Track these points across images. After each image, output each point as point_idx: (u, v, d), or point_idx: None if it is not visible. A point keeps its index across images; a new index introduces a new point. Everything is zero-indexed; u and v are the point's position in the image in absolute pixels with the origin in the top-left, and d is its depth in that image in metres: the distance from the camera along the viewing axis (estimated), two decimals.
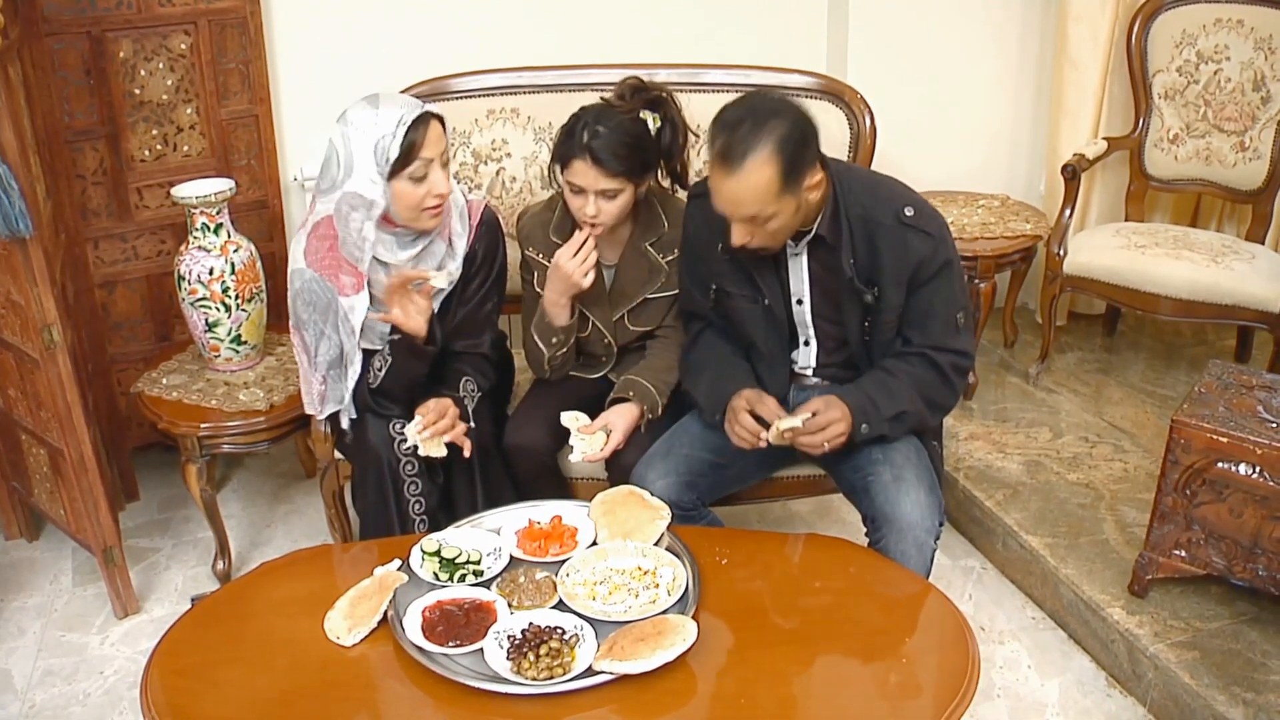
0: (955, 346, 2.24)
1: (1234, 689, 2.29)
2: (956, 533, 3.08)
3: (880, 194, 2.21)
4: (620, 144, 2.32)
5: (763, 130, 2.00)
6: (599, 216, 2.36)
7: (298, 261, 2.34)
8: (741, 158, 2.00)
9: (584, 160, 2.31)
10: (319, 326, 2.36)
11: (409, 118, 2.18)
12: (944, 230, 2.21)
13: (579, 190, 2.36)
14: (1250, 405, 2.41)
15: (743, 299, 2.32)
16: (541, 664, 1.76)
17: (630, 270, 2.51)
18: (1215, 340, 3.83)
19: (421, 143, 2.19)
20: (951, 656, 1.85)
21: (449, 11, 3.28)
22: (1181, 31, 3.48)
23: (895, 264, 2.18)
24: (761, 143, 1.99)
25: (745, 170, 2.00)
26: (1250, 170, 3.43)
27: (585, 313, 2.52)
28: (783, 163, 2.01)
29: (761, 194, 2.02)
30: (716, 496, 2.41)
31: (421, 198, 2.23)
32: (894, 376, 2.22)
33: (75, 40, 2.80)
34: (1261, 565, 2.37)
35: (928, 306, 2.22)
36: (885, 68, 3.60)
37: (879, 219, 2.18)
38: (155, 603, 2.86)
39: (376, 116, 2.18)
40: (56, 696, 2.55)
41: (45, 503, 2.86)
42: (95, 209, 2.95)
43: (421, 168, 2.20)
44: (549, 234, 2.50)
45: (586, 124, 2.33)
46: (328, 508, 2.72)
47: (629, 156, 2.33)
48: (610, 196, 2.35)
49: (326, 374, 2.40)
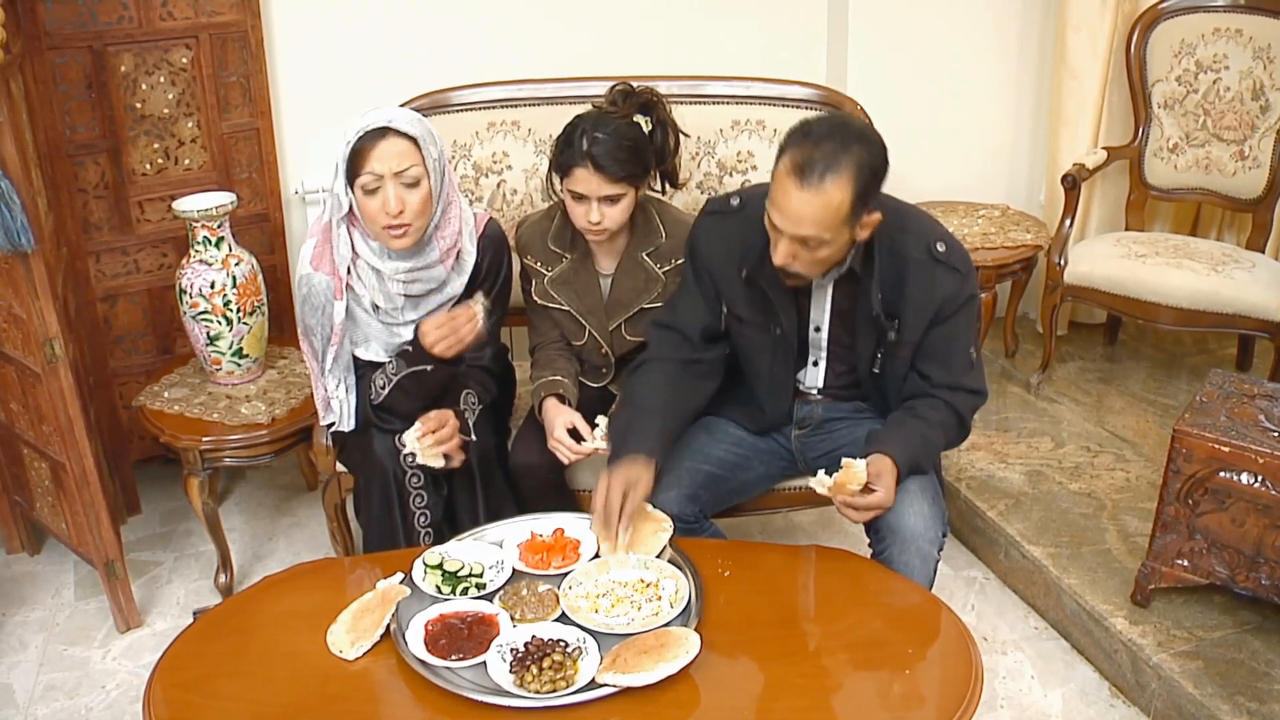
0: (973, 386, 2.23)
1: (1238, 698, 2.29)
2: (959, 543, 3.07)
3: (910, 227, 2.17)
4: (620, 148, 2.33)
5: (848, 153, 1.94)
6: (602, 222, 2.37)
7: (304, 266, 2.34)
8: (822, 175, 1.93)
9: (586, 167, 2.32)
10: (325, 331, 2.36)
11: (366, 128, 2.17)
12: (971, 267, 2.18)
13: (581, 198, 2.36)
14: (1252, 414, 2.41)
15: (754, 326, 2.28)
16: (544, 677, 1.75)
17: (627, 280, 2.52)
18: (1216, 349, 3.83)
19: (369, 156, 2.17)
20: (954, 667, 1.84)
21: (449, 25, 3.28)
22: (1180, 41, 3.48)
23: (921, 299, 2.15)
24: (845, 164, 1.93)
25: (823, 188, 1.93)
26: (1250, 179, 3.44)
27: (582, 322, 2.53)
28: (857, 190, 1.95)
29: (830, 217, 1.96)
30: (719, 509, 2.40)
31: (375, 213, 2.20)
32: (931, 429, 2.18)
33: (77, 54, 2.81)
34: (1264, 574, 2.37)
35: (948, 343, 2.19)
36: (885, 79, 3.61)
37: (909, 253, 2.14)
38: (157, 616, 2.85)
39: (353, 122, 2.20)
40: (59, 711, 2.54)
41: (47, 516, 2.86)
42: (97, 222, 2.96)
43: (372, 181, 2.18)
44: (547, 242, 2.51)
45: (585, 131, 2.34)
46: (330, 520, 2.72)
47: (629, 160, 2.35)
48: (613, 202, 2.36)
49: (342, 379, 2.41)
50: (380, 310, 2.35)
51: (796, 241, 2.02)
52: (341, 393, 2.40)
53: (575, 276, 2.51)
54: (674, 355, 2.32)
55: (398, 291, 2.31)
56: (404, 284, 2.31)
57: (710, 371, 2.35)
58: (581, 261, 2.51)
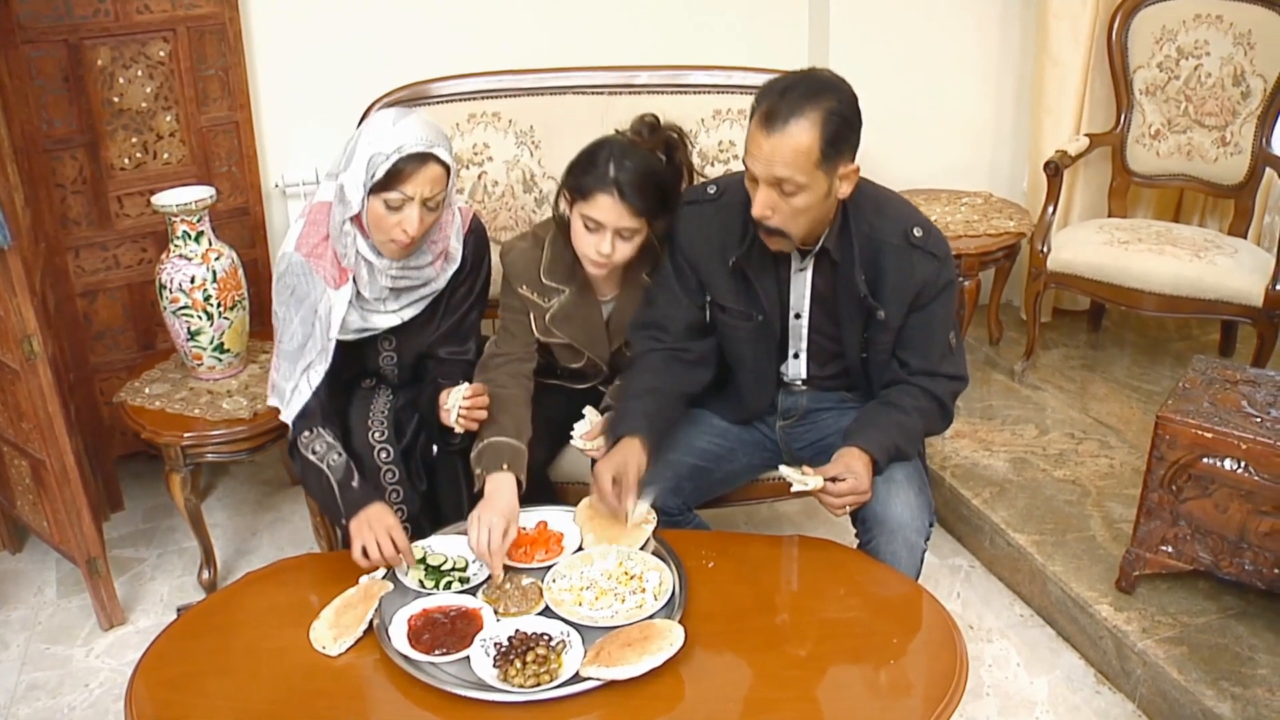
0: (952, 372, 2.23)
1: (1222, 683, 2.30)
2: (944, 531, 3.08)
3: (888, 212, 2.17)
4: (646, 181, 2.21)
5: (814, 100, 1.97)
6: (613, 256, 2.25)
7: (288, 245, 2.28)
8: (786, 119, 1.96)
9: (610, 195, 2.19)
10: (288, 312, 2.29)
11: (409, 149, 2.10)
12: (949, 253, 2.18)
13: (596, 227, 2.23)
14: (1234, 400, 2.42)
15: (737, 315, 2.26)
16: (528, 671, 1.75)
17: (629, 304, 2.42)
18: (1199, 335, 3.84)
19: (407, 178, 2.11)
20: (940, 656, 1.85)
21: (429, 16, 3.26)
22: (1161, 27, 3.49)
23: (899, 284, 2.15)
24: (810, 109, 1.96)
25: (789, 130, 1.96)
26: (1231, 165, 3.44)
27: (581, 350, 2.46)
28: (825, 134, 1.96)
29: (800, 159, 1.96)
30: (703, 500, 2.40)
31: (389, 227, 2.16)
32: (908, 415, 2.19)
33: (52, 48, 2.78)
34: (1248, 560, 2.38)
35: (926, 329, 2.20)
36: (866, 67, 3.57)
37: (886, 238, 2.14)
38: (141, 614, 2.84)
39: (389, 131, 2.12)
40: (41, 710, 2.52)
41: (28, 514, 2.84)
42: (75, 218, 2.93)
43: (399, 199, 2.13)
44: (540, 276, 2.40)
45: (613, 156, 2.21)
46: (313, 515, 2.71)
47: (653, 195, 2.23)
48: (626, 237, 2.24)
49: (306, 369, 2.31)
50: (362, 298, 2.32)
51: (772, 187, 2.01)
52: (305, 381, 2.35)
53: (576, 310, 2.41)
54: (657, 348, 2.31)
55: (385, 285, 2.29)
56: (393, 279, 2.29)
57: (699, 360, 2.33)
58: (581, 294, 2.40)
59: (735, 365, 2.36)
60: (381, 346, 2.43)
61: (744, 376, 2.35)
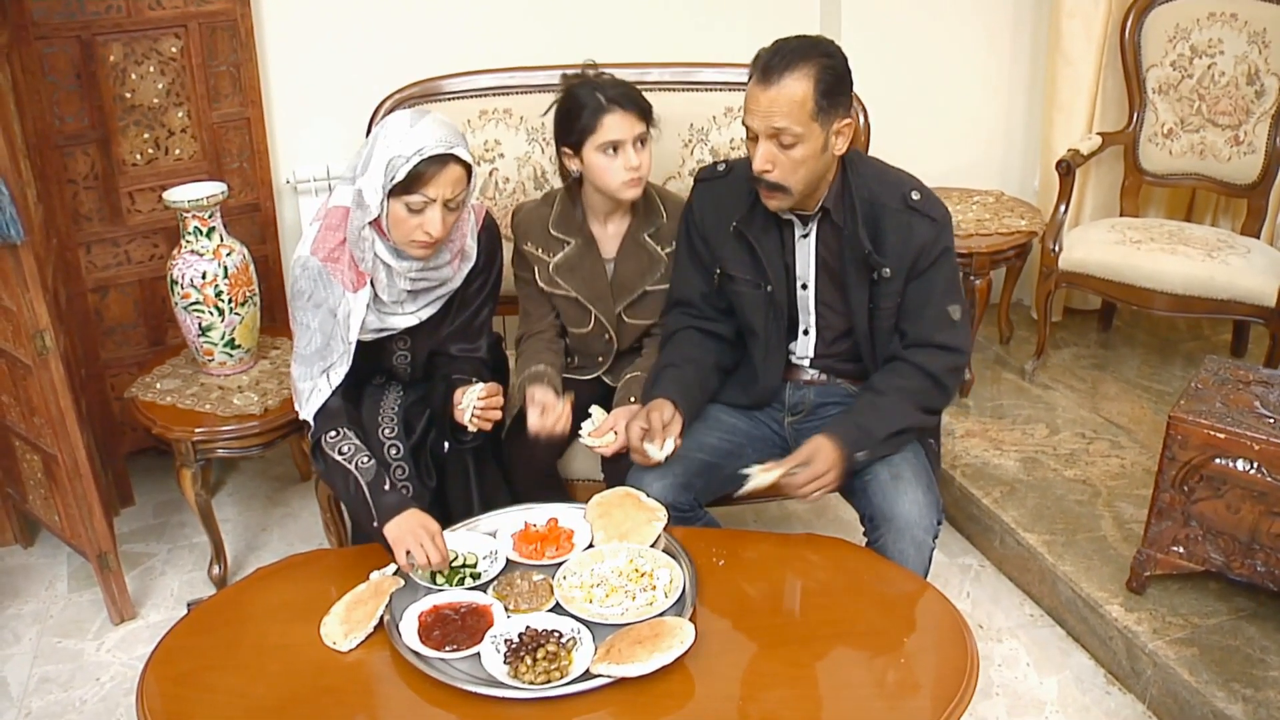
0: (950, 343, 2.25)
1: (1233, 685, 2.29)
2: (954, 530, 3.07)
3: (888, 178, 2.27)
4: (630, 88, 2.38)
5: (807, 55, 2.08)
6: (641, 168, 2.38)
7: (303, 249, 2.27)
8: (781, 73, 2.06)
9: (614, 112, 2.34)
10: (306, 317, 2.29)
11: (430, 150, 2.09)
12: (946, 217, 2.25)
13: (616, 148, 2.35)
14: (1247, 401, 2.41)
15: (746, 284, 2.33)
16: (539, 668, 1.75)
17: (629, 262, 2.51)
18: (1211, 335, 3.83)
19: (429, 180, 2.11)
20: (950, 655, 1.84)
21: (441, 12, 3.26)
22: (1175, 26, 3.47)
23: (899, 247, 2.21)
24: (804, 64, 2.07)
25: (784, 83, 2.06)
26: (1245, 164, 3.43)
27: (589, 307, 2.51)
28: (820, 85, 2.07)
29: (796, 109, 2.06)
30: (713, 497, 2.40)
31: (411, 229, 2.15)
32: (884, 395, 2.23)
33: (65, 44, 2.79)
34: (1259, 561, 2.37)
35: (924, 296, 2.24)
36: (878, 64, 3.58)
37: (885, 201, 2.22)
38: (151, 608, 2.85)
39: (407, 134, 2.11)
40: (53, 704, 2.53)
41: (40, 509, 2.85)
42: (87, 213, 2.94)
43: (420, 202, 2.12)
44: (548, 229, 2.50)
45: (594, 86, 2.37)
46: (323, 511, 2.71)
47: (641, 97, 2.39)
48: (643, 144, 2.39)
49: (326, 370, 2.33)
50: (380, 301, 2.32)
51: (771, 140, 2.10)
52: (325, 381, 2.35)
53: (580, 262, 2.50)
54: (688, 323, 2.41)
55: (403, 287, 2.29)
56: (412, 281, 2.28)
57: (726, 332, 2.42)
58: (585, 247, 2.50)
59: (749, 337, 2.40)
60: (396, 346, 2.42)
61: (757, 350, 2.39)
